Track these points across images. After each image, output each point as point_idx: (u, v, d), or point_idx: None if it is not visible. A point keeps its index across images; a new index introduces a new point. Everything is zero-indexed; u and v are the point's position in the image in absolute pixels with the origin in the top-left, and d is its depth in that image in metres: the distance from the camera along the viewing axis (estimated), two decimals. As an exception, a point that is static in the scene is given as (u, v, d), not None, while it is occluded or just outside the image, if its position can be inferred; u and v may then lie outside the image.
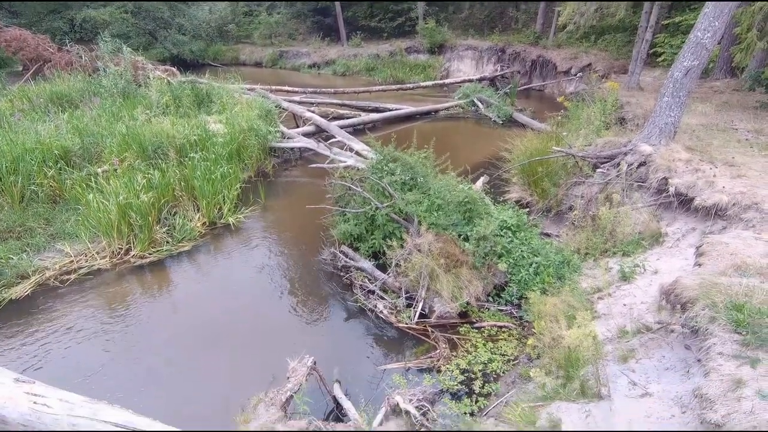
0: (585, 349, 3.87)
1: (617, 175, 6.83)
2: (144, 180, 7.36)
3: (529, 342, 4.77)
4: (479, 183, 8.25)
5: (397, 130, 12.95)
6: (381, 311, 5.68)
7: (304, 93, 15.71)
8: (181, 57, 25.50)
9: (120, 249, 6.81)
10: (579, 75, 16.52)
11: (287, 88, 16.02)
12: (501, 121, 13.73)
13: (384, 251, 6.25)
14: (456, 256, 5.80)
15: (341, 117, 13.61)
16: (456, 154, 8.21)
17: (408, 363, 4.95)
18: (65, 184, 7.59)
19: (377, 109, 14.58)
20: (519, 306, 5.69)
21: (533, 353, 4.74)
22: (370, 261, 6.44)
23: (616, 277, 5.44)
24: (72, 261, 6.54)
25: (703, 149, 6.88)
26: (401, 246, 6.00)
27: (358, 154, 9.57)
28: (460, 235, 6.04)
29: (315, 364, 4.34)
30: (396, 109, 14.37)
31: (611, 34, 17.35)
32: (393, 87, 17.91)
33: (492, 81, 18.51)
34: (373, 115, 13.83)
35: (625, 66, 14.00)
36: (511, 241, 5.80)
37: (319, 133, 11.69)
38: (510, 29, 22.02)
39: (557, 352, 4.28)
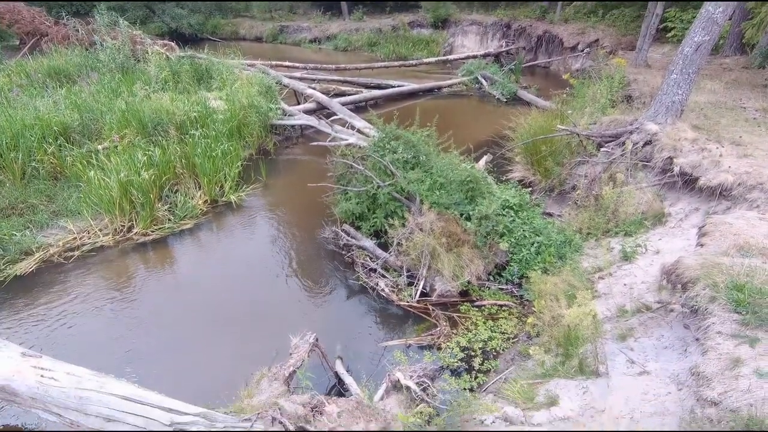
0: (584, 328, 3.91)
1: (622, 155, 6.76)
2: (144, 157, 7.31)
3: (529, 320, 4.82)
4: (482, 162, 8.18)
5: (400, 107, 12.75)
6: (382, 289, 5.72)
7: (305, 69, 15.45)
8: (180, 31, 24.93)
9: (123, 226, 6.83)
10: (586, 51, 16.15)
11: (288, 63, 15.74)
12: (505, 99, 13.52)
13: (386, 230, 6.25)
14: (458, 235, 5.80)
15: (343, 94, 13.41)
16: (459, 132, 8.12)
17: (409, 340, 5.01)
18: (66, 161, 7.55)
19: (379, 86, 14.35)
20: (519, 285, 5.72)
21: (533, 331, 4.79)
22: (371, 240, 6.46)
23: (617, 257, 5.45)
24: (75, 238, 6.57)
25: (710, 128, 6.78)
26: (403, 225, 6.00)
27: (359, 131, 9.47)
28: (462, 215, 6.02)
29: (317, 340, 4.40)
30: (398, 86, 14.15)
31: (620, 8, 16.87)
32: (395, 63, 17.58)
33: (497, 57, 18.14)
34: (375, 92, 13.63)
35: (633, 42, 13.66)
36: (513, 221, 5.79)
37: (321, 111, 11.55)
38: (516, 3, 21.43)
39: (557, 330, 4.33)
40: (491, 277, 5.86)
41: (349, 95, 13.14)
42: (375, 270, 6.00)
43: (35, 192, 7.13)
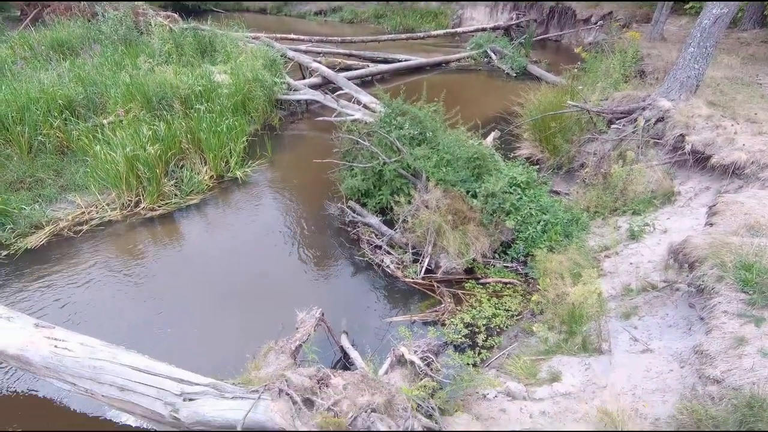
0: (589, 306, 3.92)
1: (633, 132, 6.62)
2: (150, 132, 7.28)
3: (534, 298, 4.84)
4: (489, 138, 8.06)
5: (407, 82, 12.54)
6: (388, 266, 5.75)
7: (310, 42, 15.12)
8: (182, 1, 24.44)
9: (130, 201, 6.87)
10: (599, 24, 15.65)
11: (293, 36, 15.39)
12: (514, 74, 13.21)
13: (391, 207, 6.24)
14: (464, 212, 5.78)
15: (349, 68, 13.15)
16: (467, 107, 7.97)
17: (413, 316, 5.07)
18: (72, 135, 7.54)
19: (386, 60, 14.05)
20: (525, 263, 5.72)
21: (537, 309, 4.82)
22: (377, 216, 6.45)
23: (624, 236, 5.42)
24: (83, 212, 6.63)
25: (726, 105, 6.61)
26: (409, 202, 5.98)
27: (365, 107, 9.32)
28: (468, 192, 5.98)
29: (323, 315, 4.46)
30: (405, 60, 13.84)
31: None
32: (402, 36, 17.14)
33: (506, 30, 17.62)
34: (382, 66, 13.35)
35: (649, 15, 13.19)
36: (520, 199, 5.75)
37: (326, 85, 11.36)
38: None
39: (561, 308, 4.35)
40: (497, 255, 5.86)
41: (356, 69, 12.89)
42: (380, 247, 6.02)
43: (42, 166, 7.16)
